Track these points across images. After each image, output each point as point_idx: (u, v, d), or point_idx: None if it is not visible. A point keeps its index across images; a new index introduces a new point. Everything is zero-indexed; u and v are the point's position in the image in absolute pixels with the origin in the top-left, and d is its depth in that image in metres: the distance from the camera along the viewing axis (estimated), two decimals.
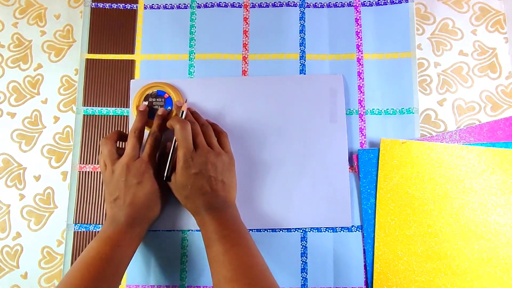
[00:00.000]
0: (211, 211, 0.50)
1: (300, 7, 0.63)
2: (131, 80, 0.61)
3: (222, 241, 0.48)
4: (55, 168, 0.60)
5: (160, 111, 0.56)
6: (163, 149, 0.56)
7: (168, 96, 0.57)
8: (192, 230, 0.57)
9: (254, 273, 0.45)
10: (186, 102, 0.57)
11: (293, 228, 0.57)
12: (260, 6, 0.63)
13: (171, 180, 0.52)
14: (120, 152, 0.53)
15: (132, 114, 0.59)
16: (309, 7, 0.63)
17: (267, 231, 0.57)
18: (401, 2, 0.62)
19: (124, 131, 0.59)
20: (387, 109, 0.59)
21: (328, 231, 0.57)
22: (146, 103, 0.58)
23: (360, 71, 0.60)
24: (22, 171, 0.60)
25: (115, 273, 0.47)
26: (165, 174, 0.52)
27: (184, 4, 0.63)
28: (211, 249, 0.48)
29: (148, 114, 0.57)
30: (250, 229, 0.57)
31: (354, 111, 0.59)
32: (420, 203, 0.56)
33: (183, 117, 0.54)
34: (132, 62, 0.61)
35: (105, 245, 0.48)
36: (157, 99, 0.58)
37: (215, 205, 0.51)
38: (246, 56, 0.61)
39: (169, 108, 0.57)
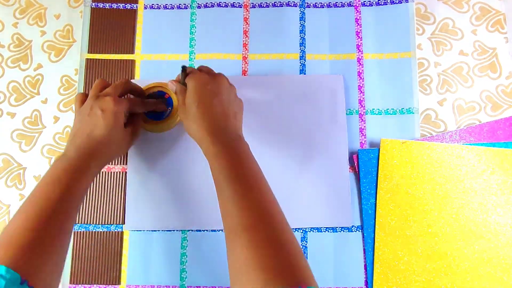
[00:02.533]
0: (221, 140, 0.46)
1: (300, 7, 0.63)
2: (132, 80, 0.61)
3: (237, 182, 0.43)
4: None
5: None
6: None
7: (168, 96, 0.57)
8: (192, 230, 0.57)
9: (275, 222, 0.40)
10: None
11: (293, 228, 0.57)
12: (260, 6, 0.63)
13: (179, 98, 0.51)
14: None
15: None
16: (309, 7, 0.63)
17: None
18: (401, 2, 0.62)
19: None
20: (387, 109, 0.59)
21: (328, 231, 0.57)
22: None
23: (360, 71, 0.60)
24: (22, 171, 0.60)
25: (67, 213, 0.43)
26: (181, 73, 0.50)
27: (184, 4, 0.63)
28: (224, 190, 0.43)
29: (147, 105, 0.56)
30: None
31: (354, 111, 0.59)
32: (420, 203, 0.56)
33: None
34: (132, 62, 0.61)
35: (54, 185, 0.43)
36: (158, 99, 0.58)
37: (225, 133, 0.47)
38: (246, 56, 0.61)
39: (170, 108, 0.57)
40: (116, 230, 0.57)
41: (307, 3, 0.63)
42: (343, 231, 0.57)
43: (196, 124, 0.48)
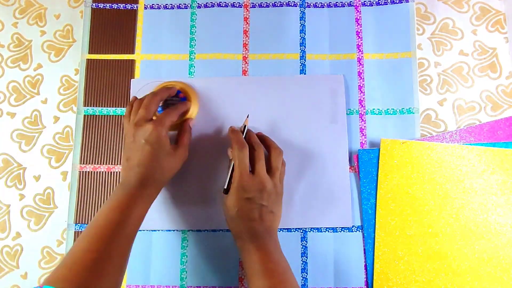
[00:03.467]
0: (255, 238, 0.49)
1: (300, 7, 0.62)
2: (132, 80, 0.61)
3: (267, 275, 0.46)
4: (55, 168, 0.59)
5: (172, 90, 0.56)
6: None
7: (183, 96, 0.57)
8: (192, 230, 0.57)
9: None
10: (248, 117, 0.56)
11: (293, 228, 0.57)
12: (260, 6, 0.63)
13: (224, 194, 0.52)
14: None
15: None
16: (309, 7, 0.63)
17: None
18: (402, 2, 0.62)
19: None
20: (387, 109, 0.59)
21: (328, 231, 0.57)
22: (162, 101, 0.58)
23: (361, 71, 0.60)
24: (22, 171, 0.60)
25: (126, 236, 0.46)
26: (225, 187, 0.52)
27: (184, 4, 0.63)
28: (255, 282, 0.47)
29: (178, 111, 0.56)
30: None
31: (355, 111, 0.59)
32: (420, 203, 0.56)
33: (245, 132, 0.54)
34: (132, 62, 0.61)
35: (115, 210, 0.47)
36: (173, 98, 0.58)
37: (259, 233, 0.50)
38: (246, 56, 0.61)
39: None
40: None
41: (307, 3, 0.63)
42: (343, 231, 0.57)
43: (233, 223, 0.51)
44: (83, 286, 0.40)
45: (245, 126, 0.54)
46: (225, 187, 0.51)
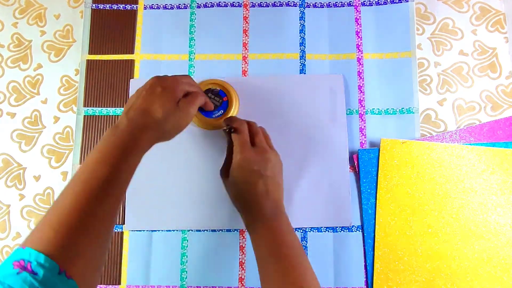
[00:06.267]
0: (264, 217, 0.47)
1: (300, 7, 0.62)
2: (131, 80, 0.61)
3: (279, 260, 0.44)
4: (55, 168, 0.60)
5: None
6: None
7: (226, 100, 0.57)
8: (192, 230, 0.57)
9: None
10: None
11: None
12: (260, 5, 0.63)
13: (224, 174, 0.51)
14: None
15: None
16: (309, 7, 0.63)
17: None
18: (401, 2, 0.62)
19: None
20: (387, 109, 0.59)
21: (328, 231, 0.57)
22: None
23: (360, 71, 0.60)
24: (22, 171, 0.60)
25: (115, 195, 0.42)
26: (222, 166, 0.51)
27: (184, 4, 0.63)
28: (266, 266, 0.45)
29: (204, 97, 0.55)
30: None
31: (354, 111, 0.59)
32: (420, 203, 0.56)
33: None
34: (131, 62, 0.61)
35: (103, 164, 0.42)
36: (215, 98, 0.57)
37: (268, 210, 0.48)
38: (246, 56, 0.61)
39: (222, 111, 0.57)
40: (116, 231, 0.57)
41: (307, 2, 0.63)
42: (343, 231, 0.57)
43: (238, 199, 0.50)
44: (69, 249, 0.36)
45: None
46: (222, 167, 0.51)
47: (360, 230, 0.57)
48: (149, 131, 0.45)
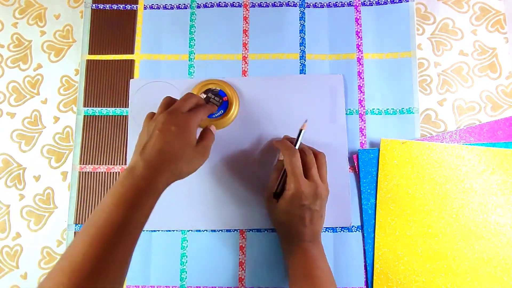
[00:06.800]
0: (302, 242, 0.50)
1: (300, 7, 0.62)
2: (131, 80, 0.61)
3: (311, 280, 0.47)
4: (55, 168, 0.60)
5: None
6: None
7: (226, 100, 0.58)
8: (192, 230, 0.57)
9: None
10: (306, 122, 0.57)
11: None
12: (260, 5, 0.63)
13: (274, 198, 0.53)
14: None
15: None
16: (309, 7, 0.63)
17: (267, 231, 0.57)
18: (401, 2, 0.62)
19: (125, 131, 0.59)
20: (387, 109, 0.59)
21: (328, 231, 0.57)
22: (205, 95, 0.58)
23: (360, 71, 0.60)
24: (22, 171, 0.60)
25: (130, 240, 0.42)
26: (275, 191, 0.53)
27: (184, 4, 0.63)
28: (299, 284, 0.47)
29: (210, 110, 0.55)
30: (250, 230, 0.57)
31: (354, 111, 0.59)
32: (420, 203, 0.56)
33: (301, 138, 0.54)
34: (131, 62, 0.61)
35: (118, 208, 0.41)
36: (215, 98, 0.58)
37: (307, 237, 0.51)
38: (246, 56, 0.61)
39: (222, 111, 0.57)
40: None
41: (307, 3, 0.63)
42: (343, 231, 0.57)
43: (281, 225, 0.52)
44: None
45: (301, 131, 0.55)
46: (276, 191, 0.53)
47: (360, 230, 0.57)
48: (165, 173, 0.45)
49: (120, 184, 0.43)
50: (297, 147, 0.54)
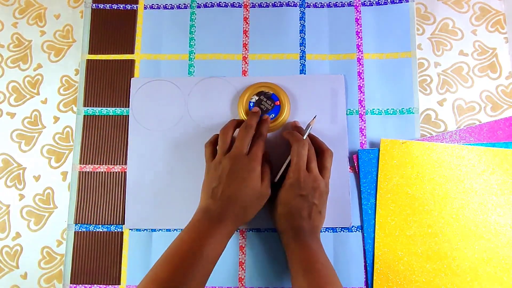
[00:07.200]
0: (301, 237, 0.50)
1: (300, 7, 0.62)
2: (132, 78, 0.61)
3: (312, 274, 0.47)
4: (55, 168, 0.59)
5: (265, 117, 0.56)
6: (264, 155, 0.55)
7: (278, 104, 0.58)
8: None
9: None
10: (315, 118, 0.57)
11: None
12: (260, 6, 0.63)
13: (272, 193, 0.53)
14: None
15: (239, 108, 0.58)
16: (309, 7, 0.63)
17: (267, 231, 0.57)
18: (401, 2, 0.62)
19: (125, 131, 0.59)
20: (387, 109, 0.59)
21: (328, 231, 0.57)
22: (257, 97, 0.58)
23: (360, 71, 0.60)
24: (22, 171, 0.60)
25: (205, 269, 0.46)
26: (276, 179, 0.53)
27: (184, 4, 0.63)
28: (300, 279, 0.48)
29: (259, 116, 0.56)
30: (249, 230, 0.57)
31: (354, 111, 0.59)
32: (420, 203, 0.56)
33: (307, 132, 0.54)
34: (131, 62, 0.61)
35: (198, 240, 0.46)
36: (267, 101, 0.58)
37: (305, 231, 0.50)
38: (246, 56, 0.61)
39: (273, 115, 0.57)
40: (116, 230, 0.57)
41: (307, 3, 0.63)
42: (343, 231, 0.57)
43: (281, 220, 0.52)
44: None
45: (309, 125, 0.55)
46: (276, 179, 0.53)
47: (360, 230, 0.57)
48: (239, 219, 0.50)
49: (198, 221, 0.49)
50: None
